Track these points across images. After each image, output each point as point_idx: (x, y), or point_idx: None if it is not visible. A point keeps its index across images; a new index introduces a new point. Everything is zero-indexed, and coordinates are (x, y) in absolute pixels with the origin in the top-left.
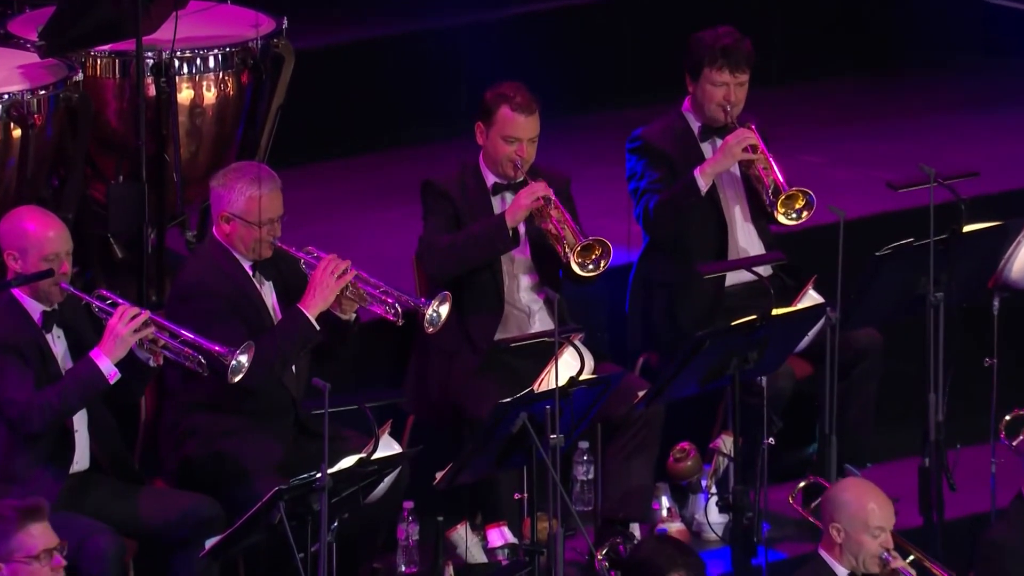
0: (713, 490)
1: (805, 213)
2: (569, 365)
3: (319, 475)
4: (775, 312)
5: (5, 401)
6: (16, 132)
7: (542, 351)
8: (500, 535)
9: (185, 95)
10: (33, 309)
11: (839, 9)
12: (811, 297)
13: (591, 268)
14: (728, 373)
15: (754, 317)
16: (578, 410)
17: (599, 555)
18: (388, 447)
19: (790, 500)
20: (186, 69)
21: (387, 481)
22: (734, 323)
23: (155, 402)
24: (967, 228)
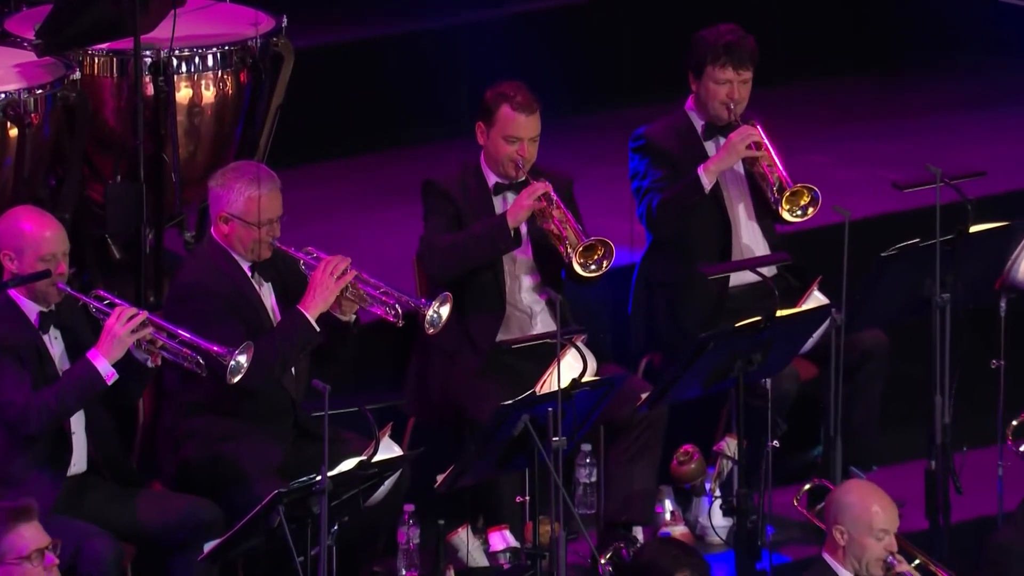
0: (717, 493)
1: (811, 210)
2: (571, 367)
3: (319, 478)
4: (779, 313)
5: (2, 403)
6: (13, 131)
7: (544, 353)
8: (502, 539)
9: (183, 94)
10: (30, 310)
11: (842, 7)
12: (816, 298)
13: (593, 269)
14: (732, 375)
15: (758, 318)
16: (580, 412)
17: (602, 559)
18: (389, 450)
19: (794, 503)
20: (184, 68)
21: (388, 484)
22: (738, 324)
23: (153, 404)
24: (973, 228)
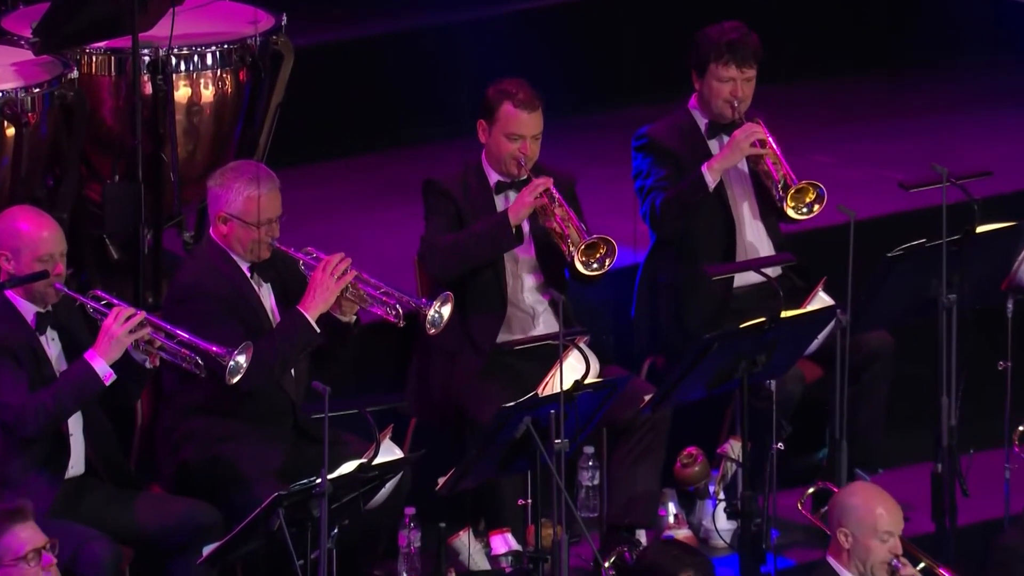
0: (721, 496)
1: (816, 207)
2: (574, 368)
3: (319, 480)
4: (784, 314)
5: None
6: (10, 131)
7: (546, 354)
8: (503, 542)
9: (182, 93)
10: (26, 311)
11: (846, 6)
12: (821, 299)
13: (595, 267)
14: (736, 376)
15: (763, 319)
16: (583, 414)
17: (605, 563)
18: (389, 452)
19: (798, 506)
20: (183, 66)
21: (388, 487)
22: (742, 325)
23: (152, 406)
24: (980, 228)
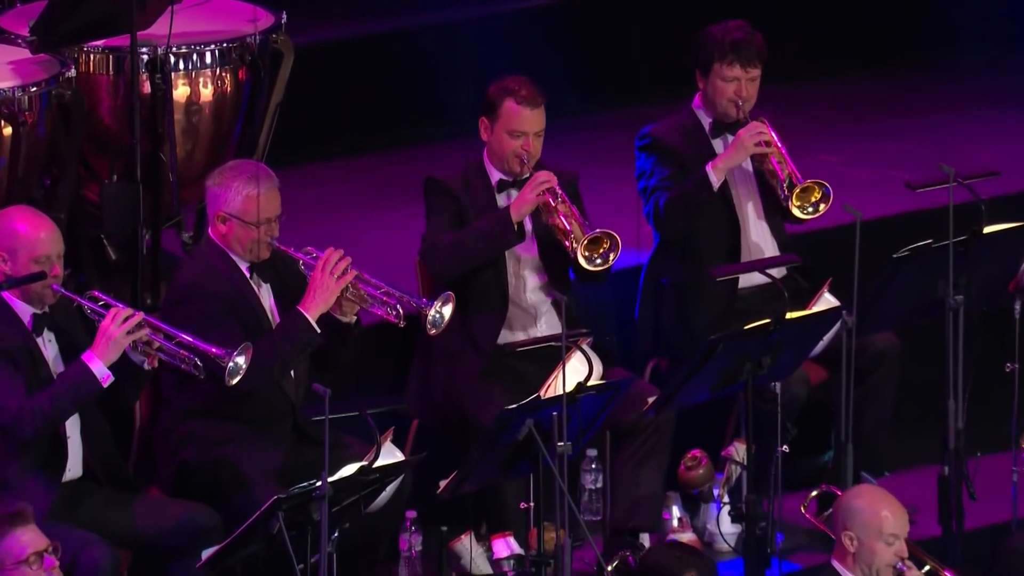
0: (725, 499)
1: (822, 206)
2: (577, 370)
3: (319, 483)
4: (789, 315)
5: None
6: (7, 130)
7: (549, 356)
8: (505, 546)
9: (181, 92)
10: (23, 312)
11: (854, 4)
12: (826, 300)
13: (599, 262)
14: (741, 379)
15: (768, 320)
16: (586, 417)
17: (608, 567)
18: (390, 455)
19: (802, 510)
20: (182, 65)
21: (389, 490)
22: (747, 327)
23: (150, 408)
24: (987, 229)
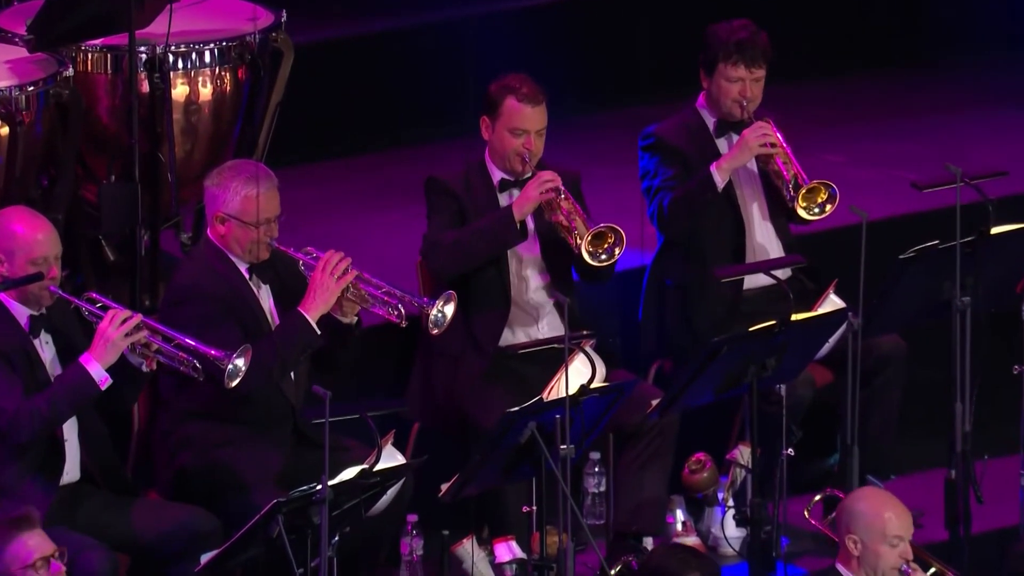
0: (730, 503)
1: (828, 207)
2: (580, 372)
3: (319, 487)
4: (795, 317)
5: None
6: (4, 130)
7: (551, 358)
8: (508, 550)
9: (180, 91)
10: (20, 313)
11: (859, 4)
12: (832, 302)
13: (604, 258)
14: (745, 381)
15: (773, 322)
16: (589, 419)
17: (611, 571)
18: (391, 458)
19: (805, 514)
20: (181, 64)
21: (390, 493)
22: (752, 328)
23: (148, 411)
24: (995, 230)
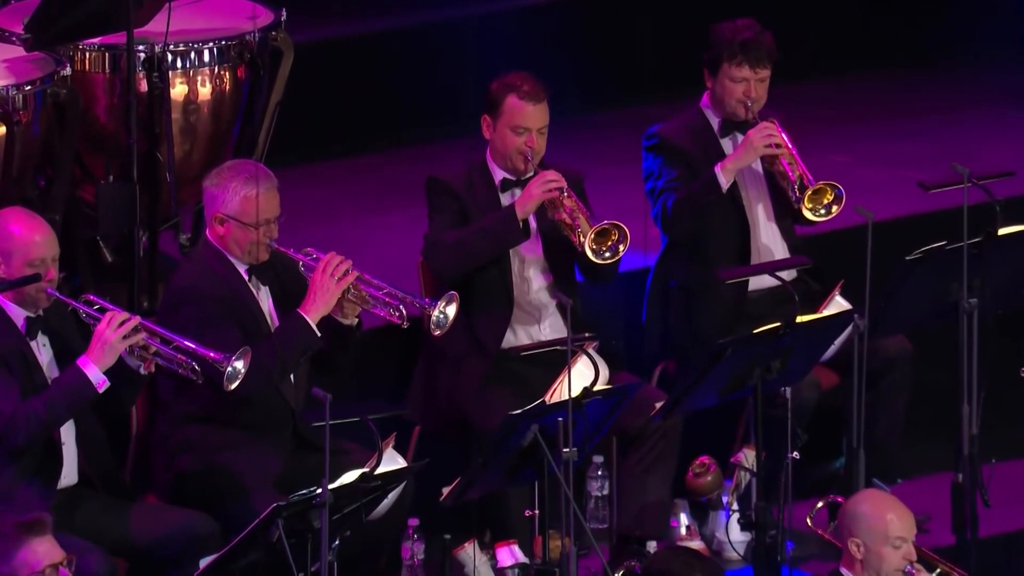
0: (734, 507)
1: (835, 208)
2: (583, 375)
3: (319, 491)
4: (800, 319)
5: None
6: (1, 130)
7: (554, 360)
8: (510, 554)
9: (179, 91)
10: (16, 315)
11: (864, 3)
12: (838, 303)
13: (608, 255)
14: (750, 383)
15: (778, 324)
16: (592, 422)
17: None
18: (392, 461)
19: (808, 522)
20: (180, 63)
21: (391, 497)
22: (757, 330)
23: (147, 414)
24: (1002, 230)
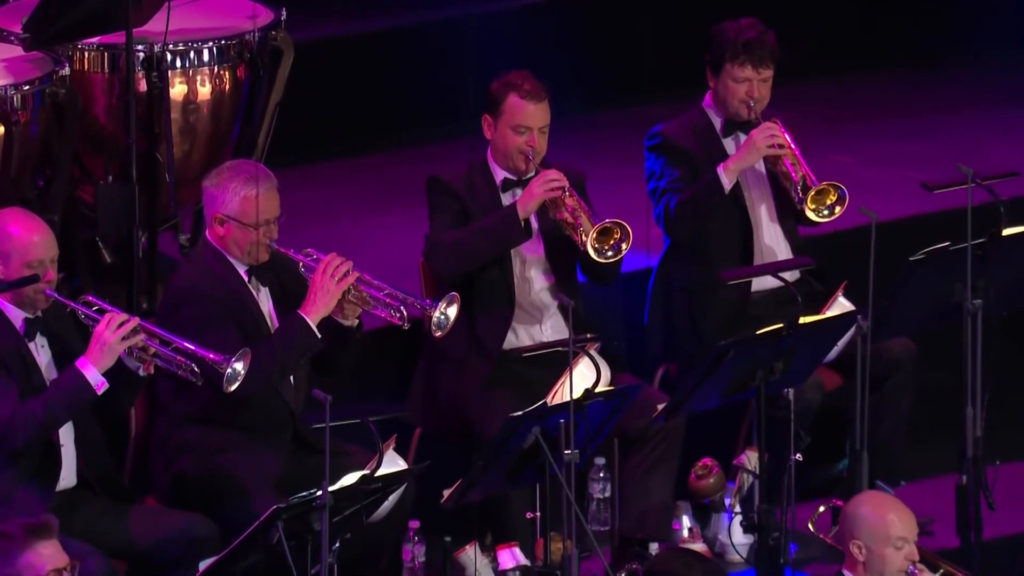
0: (737, 509)
1: (838, 208)
2: (584, 376)
3: (319, 493)
4: (803, 320)
5: None
6: None
7: (555, 361)
8: (511, 556)
9: (178, 90)
10: (15, 316)
11: (868, 1)
12: (841, 304)
13: (610, 254)
14: (753, 385)
15: (780, 325)
16: (593, 424)
17: None
18: (393, 463)
19: (810, 526)
20: (179, 63)
21: (392, 499)
22: (759, 332)
23: (146, 415)
24: (1006, 231)
